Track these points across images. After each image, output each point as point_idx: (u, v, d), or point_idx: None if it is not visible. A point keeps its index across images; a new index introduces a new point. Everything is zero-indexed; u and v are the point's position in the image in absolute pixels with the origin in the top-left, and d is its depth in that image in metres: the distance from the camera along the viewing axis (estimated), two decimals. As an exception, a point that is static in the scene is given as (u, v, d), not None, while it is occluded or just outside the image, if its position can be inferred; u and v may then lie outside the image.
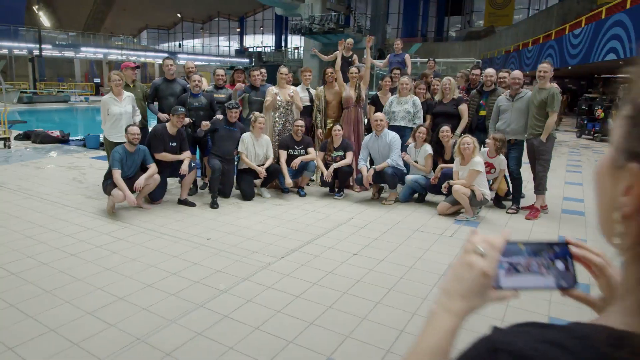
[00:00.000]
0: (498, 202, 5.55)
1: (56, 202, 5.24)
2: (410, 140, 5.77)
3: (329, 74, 6.28)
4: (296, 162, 5.72)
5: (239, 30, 51.11)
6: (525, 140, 5.25)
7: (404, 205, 5.55)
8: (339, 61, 6.35)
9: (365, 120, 6.57)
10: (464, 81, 6.83)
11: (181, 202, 5.31)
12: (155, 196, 5.27)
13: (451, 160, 5.42)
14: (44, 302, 2.89)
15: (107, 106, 5.44)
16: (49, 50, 27.96)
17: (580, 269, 0.67)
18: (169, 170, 5.31)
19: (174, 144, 5.19)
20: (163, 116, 5.57)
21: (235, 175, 5.73)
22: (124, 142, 4.97)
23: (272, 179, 5.83)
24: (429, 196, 5.78)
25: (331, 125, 6.17)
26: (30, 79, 26.13)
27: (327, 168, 5.72)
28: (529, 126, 5.11)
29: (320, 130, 6.34)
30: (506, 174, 5.47)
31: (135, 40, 46.05)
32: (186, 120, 5.33)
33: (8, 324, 2.63)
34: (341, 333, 2.61)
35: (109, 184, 4.86)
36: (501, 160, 5.28)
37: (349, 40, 8.64)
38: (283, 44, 45.52)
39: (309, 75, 6.48)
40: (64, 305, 2.87)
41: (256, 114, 5.65)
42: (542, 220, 5.02)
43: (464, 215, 5.01)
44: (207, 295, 3.04)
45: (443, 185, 5.15)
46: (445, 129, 5.54)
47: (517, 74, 5.24)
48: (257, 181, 5.76)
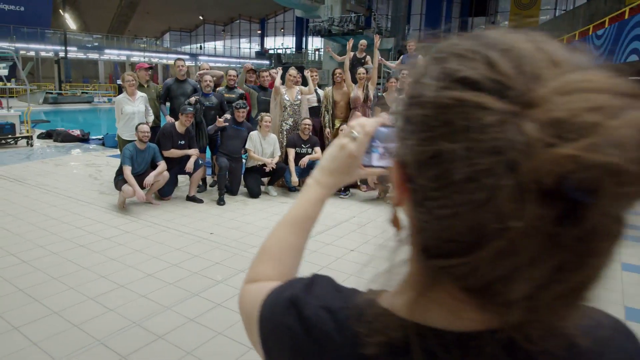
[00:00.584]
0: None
1: (71, 197, 5.50)
2: None
3: (338, 75, 6.41)
4: (304, 161, 5.87)
5: (259, 32, 51.76)
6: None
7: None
8: (347, 62, 6.48)
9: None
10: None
11: (189, 199, 5.51)
12: (164, 192, 5.48)
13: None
14: (51, 288, 3.10)
15: (121, 105, 5.69)
16: (74, 53, 28.98)
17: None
18: (178, 167, 5.52)
19: (182, 142, 5.40)
20: (169, 119, 5.82)
21: (243, 173, 5.91)
22: (135, 140, 5.20)
23: (279, 177, 5.98)
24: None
25: (339, 125, 6.30)
26: (56, 80, 27.10)
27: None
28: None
29: (328, 130, 6.46)
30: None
31: (158, 43, 47.18)
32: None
33: (16, 306, 2.84)
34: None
35: (119, 180, 5.09)
36: None
37: (362, 41, 8.75)
38: (304, 46, 45.88)
39: (315, 76, 6.62)
40: (69, 290, 3.07)
41: (262, 114, 5.84)
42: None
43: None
44: (204, 285, 3.20)
45: None
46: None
47: None
48: (265, 179, 5.92)
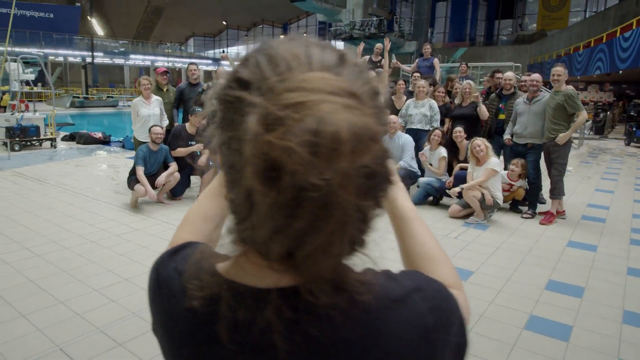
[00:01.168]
0: (514, 207, 5.54)
1: (87, 196, 5.76)
2: (426, 142, 5.90)
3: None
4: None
5: (282, 36, 52.37)
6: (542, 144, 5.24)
7: (416, 208, 5.64)
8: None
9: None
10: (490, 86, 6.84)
11: (200, 199, 5.68)
12: (176, 192, 5.68)
13: (466, 161, 5.49)
14: (58, 279, 3.28)
15: (137, 108, 5.93)
16: (100, 58, 30.02)
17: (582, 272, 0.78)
18: (190, 168, 5.71)
19: (192, 143, 5.59)
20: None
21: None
22: (149, 142, 5.41)
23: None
24: (445, 199, 5.85)
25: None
26: (82, 84, 28.08)
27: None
28: (545, 129, 5.10)
29: None
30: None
31: (182, 48, 48.27)
32: None
33: (25, 296, 3.03)
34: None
35: (132, 179, 5.31)
36: (523, 182, 5.36)
37: (378, 45, 8.84)
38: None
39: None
40: (76, 282, 3.25)
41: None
42: (557, 225, 4.97)
43: (474, 218, 5.05)
44: (204, 280, 3.33)
45: (453, 189, 5.23)
46: (458, 129, 5.63)
47: (535, 76, 5.25)
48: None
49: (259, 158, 0.38)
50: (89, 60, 27.24)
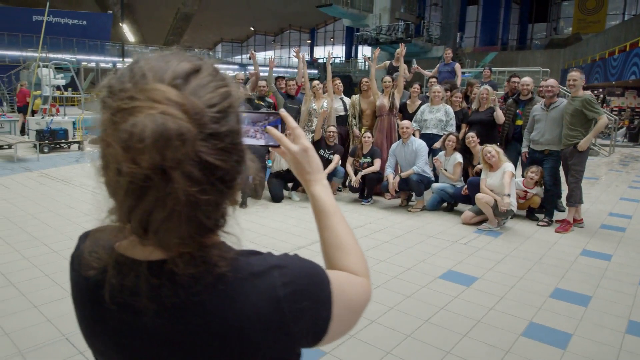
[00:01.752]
0: (531, 215, 5.48)
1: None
2: (437, 144, 5.94)
3: (364, 83, 6.59)
4: (326, 171, 6.07)
5: (309, 41, 52.80)
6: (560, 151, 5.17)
7: (430, 213, 5.67)
8: (373, 70, 6.65)
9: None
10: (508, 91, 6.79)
11: (214, 201, 5.86)
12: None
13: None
14: (72, 274, 3.48)
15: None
16: (131, 64, 30.98)
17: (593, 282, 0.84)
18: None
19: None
20: None
21: (267, 179, 6.20)
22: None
23: (301, 183, 6.22)
24: (460, 206, 5.83)
25: (364, 132, 6.45)
26: (113, 90, 29.02)
27: (356, 174, 6.00)
28: (562, 136, 5.04)
29: (356, 131, 6.60)
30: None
31: (210, 53, 49.31)
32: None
33: (39, 288, 3.23)
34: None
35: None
36: (539, 190, 5.31)
37: (398, 50, 8.87)
38: (353, 55, 46.29)
39: (339, 84, 6.84)
40: (87, 277, 3.43)
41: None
42: (573, 234, 4.90)
43: (486, 225, 5.03)
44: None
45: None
46: (471, 134, 5.62)
47: (551, 82, 5.20)
48: (291, 185, 6.20)
49: (100, 150, 0.51)
50: (119, 65, 28.21)
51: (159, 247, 0.55)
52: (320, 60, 45.11)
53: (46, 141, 9.68)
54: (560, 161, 5.17)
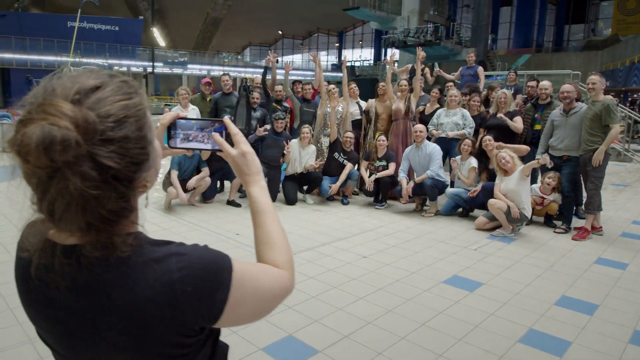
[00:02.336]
0: (549, 221, 5.40)
1: (127, 197, 6.27)
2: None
3: (381, 87, 6.65)
4: (337, 184, 6.14)
5: (337, 44, 53.02)
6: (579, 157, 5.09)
7: (444, 219, 5.66)
8: (389, 74, 6.70)
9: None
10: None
11: (229, 203, 6.03)
12: (207, 196, 6.06)
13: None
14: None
15: (175, 116, 6.41)
16: (160, 68, 31.98)
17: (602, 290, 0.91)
18: (221, 173, 6.09)
19: (223, 149, 5.95)
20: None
21: (282, 182, 6.33)
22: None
23: (315, 186, 6.32)
24: (476, 211, 5.79)
25: (378, 135, 6.50)
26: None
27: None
28: (582, 141, 4.96)
29: (370, 134, 6.66)
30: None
31: (239, 57, 50.20)
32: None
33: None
34: (313, 318, 2.98)
35: (166, 181, 5.74)
36: (556, 196, 5.24)
37: (422, 53, 8.87)
38: (382, 58, 46.17)
39: (355, 87, 6.91)
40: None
41: (303, 126, 6.25)
42: (591, 241, 4.81)
43: (500, 231, 5.00)
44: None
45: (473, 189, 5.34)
46: (487, 137, 5.58)
47: (567, 87, 5.13)
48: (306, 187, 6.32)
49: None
50: (149, 70, 29.13)
51: (65, 232, 0.67)
52: (347, 64, 45.25)
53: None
54: (579, 167, 5.09)
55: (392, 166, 6.03)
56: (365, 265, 3.97)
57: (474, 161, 5.64)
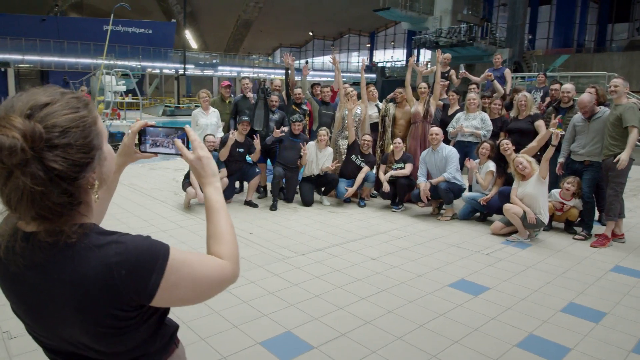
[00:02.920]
0: (569, 227, 5.32)
1: (150, 195, 6.55)
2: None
3: (398, 94, 6.69)
4: (354, 188, 6.22)
5: (369, 45, 52.96)
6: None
7: (460, 223, 5.66)
8: (408, 77, 6.74)
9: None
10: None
11: (246, 203, 6.21)
12: (225, 196, 6.24)
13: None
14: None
15: (196, 118, 6.68)
16: (191, 70, 32.85)
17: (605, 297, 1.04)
18: (239, 173, 6.28)
19: (241, 150, 6.14)
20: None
21: (299, 183, 6.47)
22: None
23: (332, 188, 6.42)
24: (494, 216, 5.76)
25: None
26: (175, 94, 30.90)
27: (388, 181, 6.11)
28: (604, 146, 4.89)
29: (387, 138, 6.70)
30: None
31: (270, 59, 50.87)
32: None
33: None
34: (313, 316, 3.09)
35: (186, 182, 5.98)
36: (577, 202, 5.17)
37: (446, 55, 8.83)
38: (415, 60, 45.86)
39: (374, 90, 6.97)
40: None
41: (320, 129, 6.36)
42: (610, 249, 4.72)
43: (516, 236, 4.97)
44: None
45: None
46: (505, 141, 5.55)
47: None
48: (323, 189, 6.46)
49: None
50: (181, 72, 29.96)
51: (25, 221, 0.82)
52: (379, 64, 45.13)
53: (105, 143, 10.58)
54: (600, 172, 5.01)
55: (409, 167, 6.07)
56: (372, 266, 4.05)
57: (491, 165, 5.62)
